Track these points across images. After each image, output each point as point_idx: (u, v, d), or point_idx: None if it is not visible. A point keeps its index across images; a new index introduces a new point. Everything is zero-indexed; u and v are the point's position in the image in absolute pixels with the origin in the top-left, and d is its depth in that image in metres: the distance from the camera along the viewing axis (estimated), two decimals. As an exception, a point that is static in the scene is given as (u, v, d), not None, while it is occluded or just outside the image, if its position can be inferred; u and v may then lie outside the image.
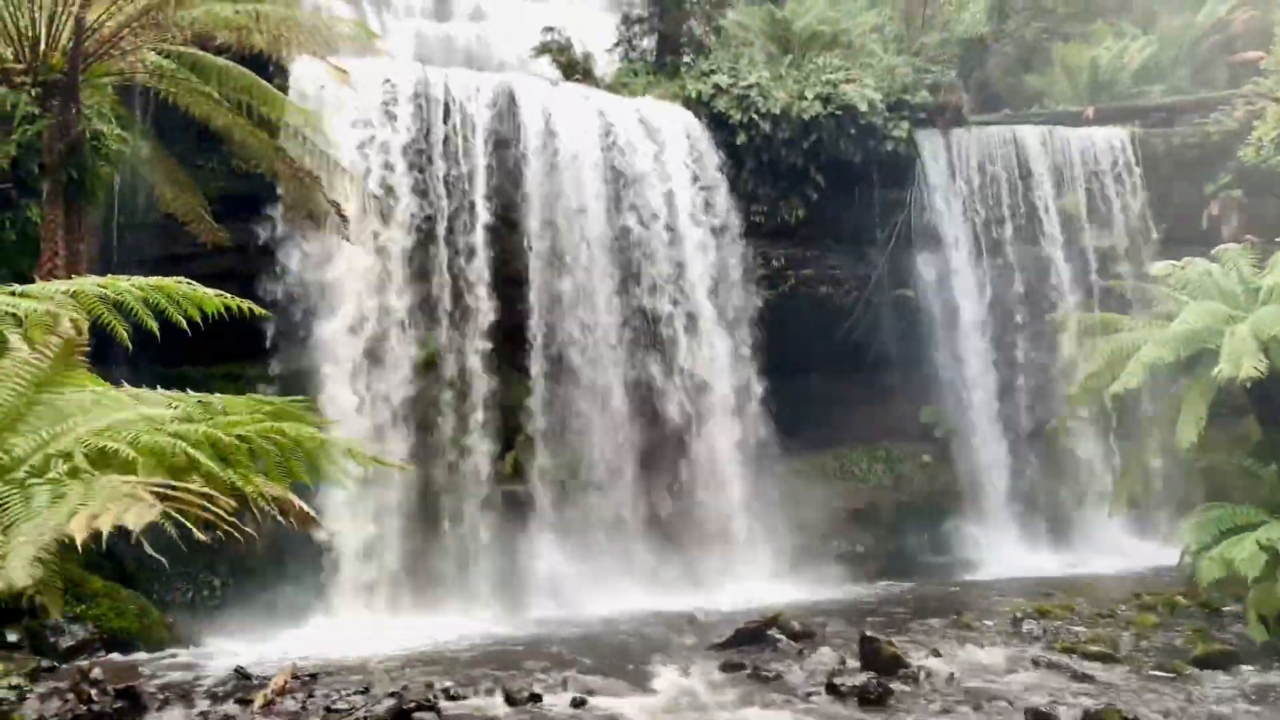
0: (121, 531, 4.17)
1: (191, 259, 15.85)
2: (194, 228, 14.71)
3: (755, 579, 18.29)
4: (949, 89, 23.44)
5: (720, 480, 19.31)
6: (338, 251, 16.72)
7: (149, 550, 4.36)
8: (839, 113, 21.17)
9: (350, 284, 17.07)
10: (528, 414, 18.48)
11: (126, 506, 3.79)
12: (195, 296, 6.23)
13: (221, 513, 4.30)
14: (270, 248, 16.86)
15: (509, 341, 18.42)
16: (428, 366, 17.88)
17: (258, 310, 6.66)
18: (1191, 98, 25.66)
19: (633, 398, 19.07)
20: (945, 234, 22.42)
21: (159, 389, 7.38)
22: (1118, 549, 20.84)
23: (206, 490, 4.40)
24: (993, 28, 26.87)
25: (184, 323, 6.58)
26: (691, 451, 19.23)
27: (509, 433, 18.53)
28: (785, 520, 19.84)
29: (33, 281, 11.74)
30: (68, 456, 4.19)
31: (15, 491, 3.88)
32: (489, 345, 18.11)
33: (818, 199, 21.28)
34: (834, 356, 20.99)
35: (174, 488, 4.25)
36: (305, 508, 6.91)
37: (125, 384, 7.33)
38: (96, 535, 3.87)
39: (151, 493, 4.02)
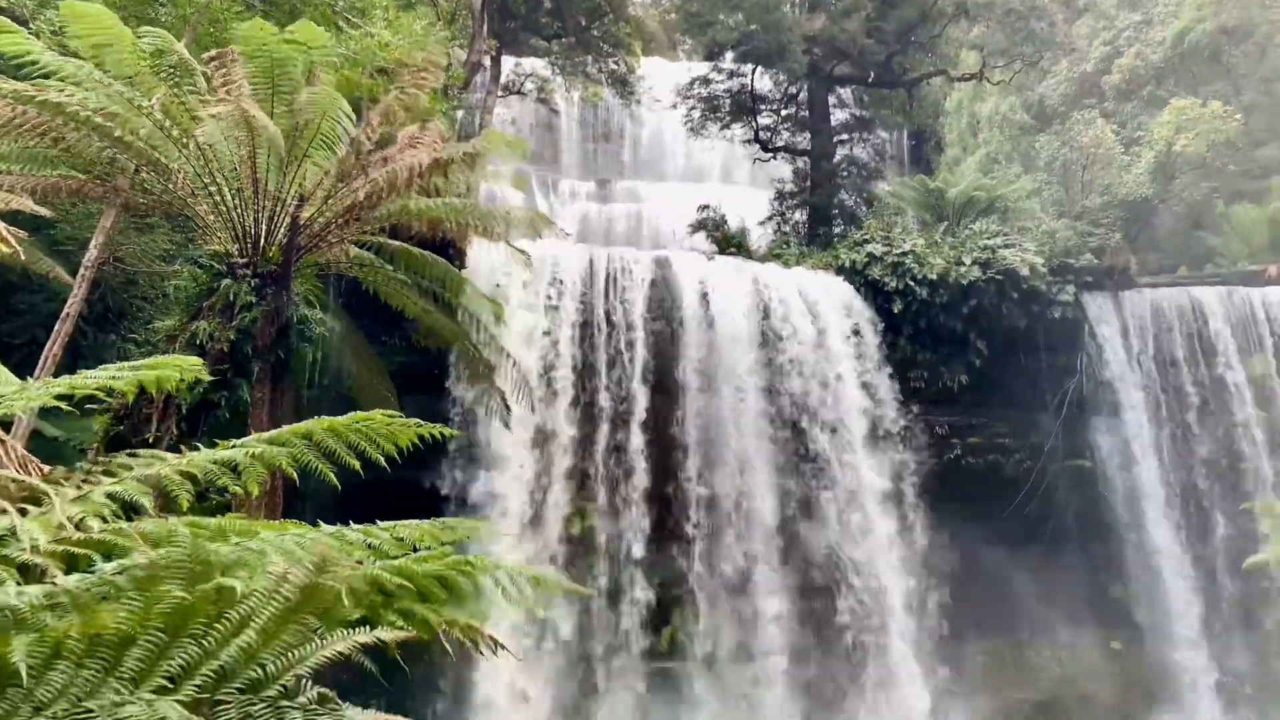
0: None
1: (371, 429, 16.89)
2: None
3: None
4: (1115, 251, 22.84)
5: (889, 662, 18.18)
6: (504, 431, 17.30)
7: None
8: (999, 277, 20.82)
9: (514, 458, 17.56)
10: (684, 589, 18.13)
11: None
12: (393, 433, 6.57)
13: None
14: (445, 418, 17.63)
15: (665, 512, 18.35)
16: (584, 536, 17.97)
17: (449, 432, 6.93)
18: (1386, 252, 24.06)
19: (792, 572, 18.45)
20: (1122, 400, 21.29)
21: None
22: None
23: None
24: (1158, 189, 26.22)
25: (383, 460, 6.91)
26: (858, 636, 18.25)
27: (664, 607, 18.18)
28: (959, 708, 18.39)
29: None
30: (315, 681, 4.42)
31: (270, 712, 4.05)
32: (645, 517, 18.09)
33: (980, 365, 20.71)
34: (1008, 531, 19.84)
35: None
36: (494, 636, 6.95)
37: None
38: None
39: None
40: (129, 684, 3.60)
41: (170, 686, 3.82)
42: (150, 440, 11.95)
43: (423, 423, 7.32)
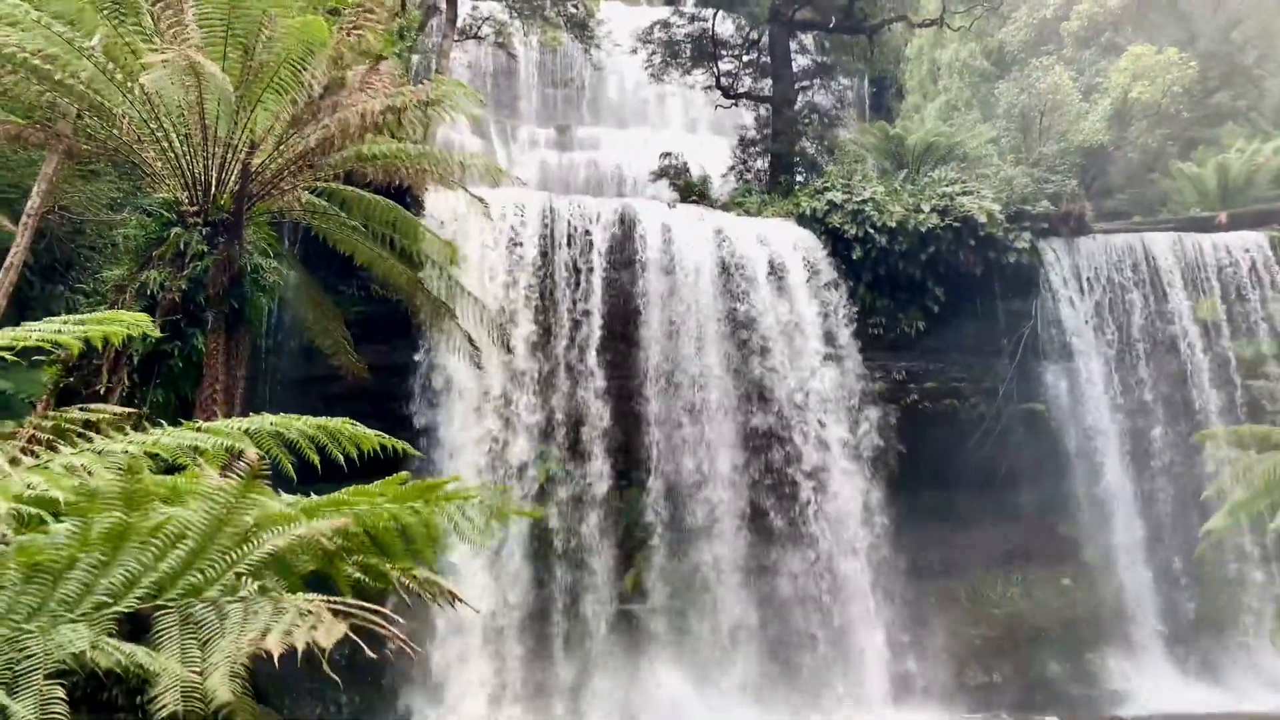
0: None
1: (330, 379, 16.76)
2: (337, 359, 15.52)
3: (881, 704, 17.59)
4: (1071, 197, 23.10)
5: (844, 602, 18.65)
6: (463, 374, 17.31)
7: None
8: (957, 224, 21.02)
9: (475, 404, 17.58)
10: (645, 531, 18.39)
11: (314, 624, 3.99)
12: (356, 436, 6.58)
13: (396, 632, 4.49)
14: (403, 368, 17.56)
15: (626, 456, 18.53)
16: (546, 483, 18.09)
17: (411, 450, 7.02)
18: (1334, 199, 24.55)
19: (751, 516, 18.77)
20: (1074, 344, 21.70)
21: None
22: (1286, 682, 19.07)
23: (381, 610, 4.60)
24: (1114, 136, 26.47)
25: (341, 459, 6.96)
26: (814, 574, 18.68)
27: (627, 549, 18.44)
28: (914, 645, 18.95)
29: (193, 403, 12.57)
30: (256, 575, 4.49)
31: (210, 609, 4.13)
32: (606, 461, 18.25)
33: (938, 311, 20.98)
34: (962, 473, 20.23)
35: (351, 605, 4.46)
36: (451, 589, 7.10)
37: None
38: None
39: (332, 611, 4.22)
40: (70, 605, 3.64)
41: (111, 602, 3.87)
42: (102, 392, 11.81)
43: (384, 435, 7.53)
